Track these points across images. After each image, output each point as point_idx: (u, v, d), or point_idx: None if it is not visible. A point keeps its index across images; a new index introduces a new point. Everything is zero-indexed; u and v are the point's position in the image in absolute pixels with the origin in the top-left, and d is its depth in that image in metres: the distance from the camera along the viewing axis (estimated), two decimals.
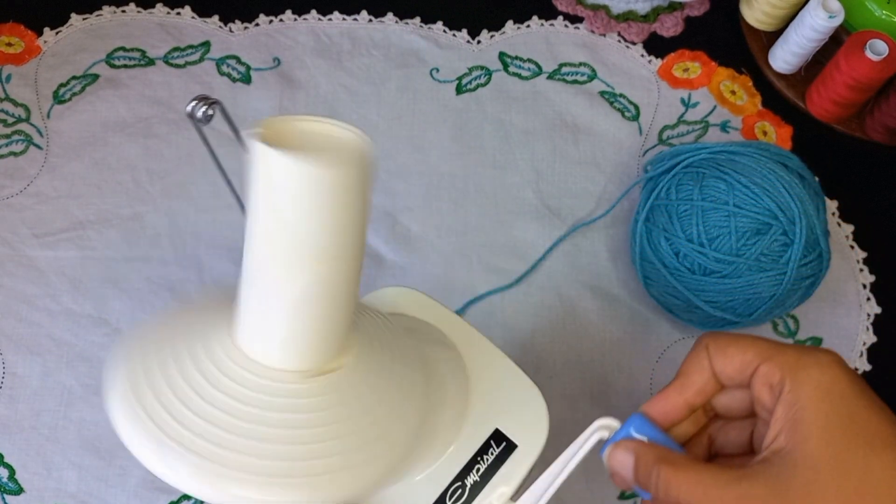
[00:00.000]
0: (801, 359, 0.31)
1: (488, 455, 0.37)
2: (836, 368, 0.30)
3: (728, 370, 0.33)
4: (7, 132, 0.59)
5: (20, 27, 0.62)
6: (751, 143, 0.52)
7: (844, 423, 0.29)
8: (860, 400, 0.30)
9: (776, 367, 0.31)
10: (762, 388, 0.31)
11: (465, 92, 0.62)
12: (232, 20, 0.64)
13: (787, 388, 0.30)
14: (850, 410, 0.29)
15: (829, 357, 0.31)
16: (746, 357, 0.32)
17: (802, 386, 0.30)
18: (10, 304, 0.54)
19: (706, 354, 0.33)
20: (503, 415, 0.37)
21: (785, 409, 0.30)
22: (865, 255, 0.58)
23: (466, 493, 0.36)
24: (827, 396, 0.30)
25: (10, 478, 0.50)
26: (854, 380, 0.30)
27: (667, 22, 0.65)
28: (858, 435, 0.29)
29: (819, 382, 0.30)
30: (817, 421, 0.29)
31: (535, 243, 0.58)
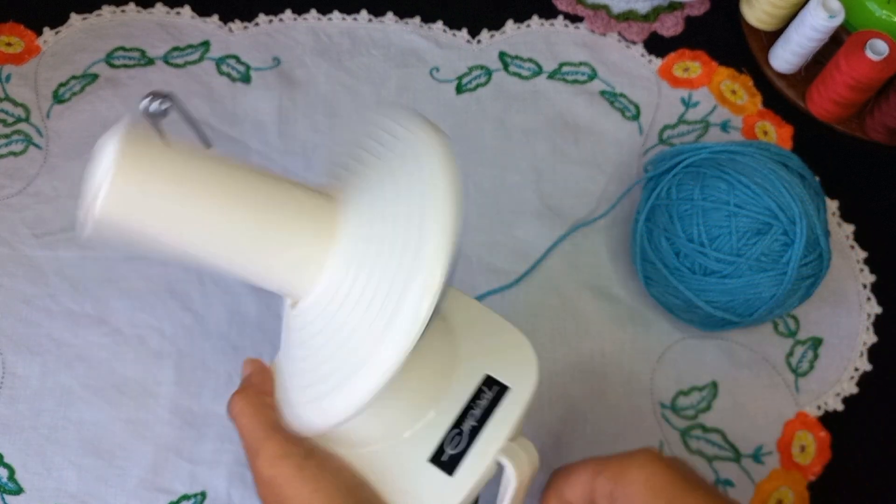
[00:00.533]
0: (623, 463, 0.36)
1: (482, 400, 0.38)
2: (654, 465, 0.35)
3: (577, 494, 0.37)
4: (7, 132, 0.59)
5: (20, 27, 0.62)
6: (751, 143, 0.52)
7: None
8: (679, 486, 0.35)
9: (606, 479, 0.36)
10: (602, 501, 0.36)
11: (465, 91, 0.62)
12: (231, 20, 0.64)
13: (617, 493, 0.35)
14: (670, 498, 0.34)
15: (646, 456, 0.36)
16: (584, 478, 0.37)
17: (627, 488, 0.35)
18: (9, 304, 0.54)
19: (555, 490, 0.38)
20: (492, 361, 0.38)
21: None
22: (866, 255, 0.58)
23: (465, 437, 0.37)
24: (647, 490, 0.35)
25: (9, 478, 0.50)
26: (671, 469, 0.35)
27: (667, 21, 0.65)
28: None
29: (638, 481, 0.35)
30: None
31: (535, 243, 0.58)
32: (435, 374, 0.37)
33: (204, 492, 0.50)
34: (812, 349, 0.56)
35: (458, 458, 0.37)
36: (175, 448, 0.51)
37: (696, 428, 0.53)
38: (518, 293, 0.56)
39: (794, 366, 0.55)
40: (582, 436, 0.52)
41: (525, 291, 0.56)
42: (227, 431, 0.51)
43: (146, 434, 0.51)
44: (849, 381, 0.55)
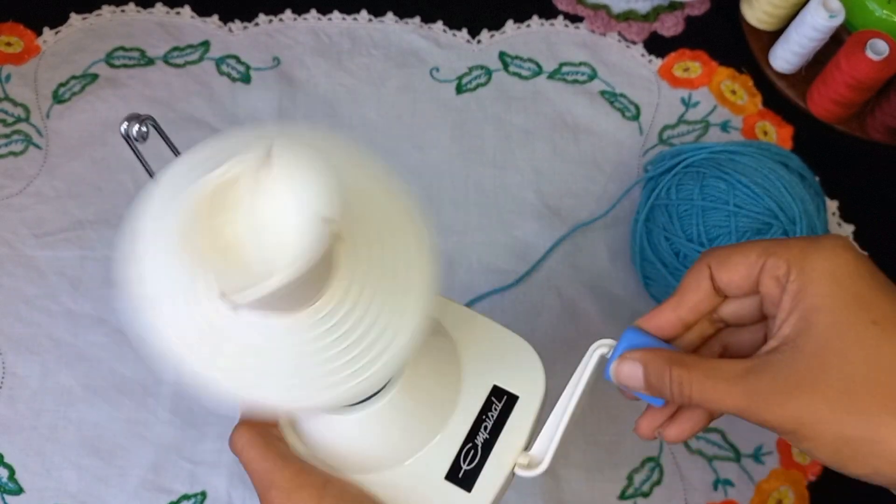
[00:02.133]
0: (806, 248, 0.30)
1: (493, 411, 0.37)
2: (843, 252, 0.30)
3: (735, 278, 0.32)
4: (7, 132, 0.59)
5: (20, 27, 0.62)
6: (751, 143, 0.52)
7: (850, 305, 0.28)
8: (867, 282, 0.29)
9: (781, 259, 0.30)
10: (770, 284, 0.31)
11: (465, 91, 0.62)
12: (231, 20, 0.64)
13: (793, 277, 0.30)
14: (857, 293, 0.29)
15: (834, 242, 0.30)
16: (750, 259, 0.31)
17: (808, 273, 0.29)
18: (9, 304, 0.54)
19: (706, 271, 0.33)
20: (498, 372, 0.38)
21: (790, 298, 0.30)
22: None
23: (479, 451, 0.36)
24: (832, 281, 0.29)
25: (10, 478, 0.50)
26: (861, 262, 0.30)
27: (667, 21, 0.65)
28: (863, 315, 0.28)
29: (824, 268, 0.29)
30: (823, 306, 0.29)
31: (535, 243, 0.58)
32: (442, 391, 0.37)
33: (204, 492, 0.50)
34: None
35: (474, 473, 0.36)
36: (175, 448, 0.51)
37: None
38: (518, 293, 0.56)
39: None
40: (582, 435, 0.52)
41: (525, 291, 0.56)
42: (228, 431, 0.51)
43: (146, 434, 0.51)
44: None
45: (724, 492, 0.52)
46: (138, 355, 0.53)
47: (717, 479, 0.52)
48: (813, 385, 0.28)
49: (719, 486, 0.52)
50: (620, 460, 0.52)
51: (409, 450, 0.37)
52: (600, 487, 0.52)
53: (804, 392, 0.28)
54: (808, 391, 0.28)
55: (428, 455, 0.36)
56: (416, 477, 0.36)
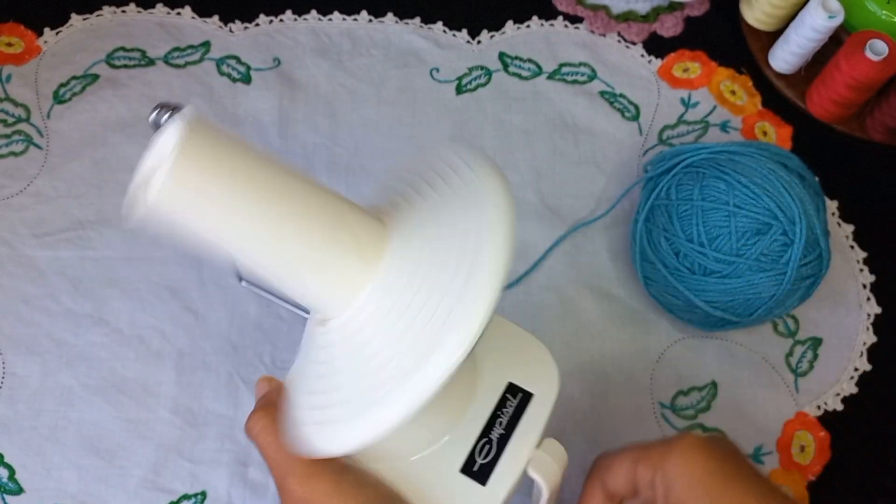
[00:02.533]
0: (663, 453, 0.35)
1: (507, 408, 0.38)
2: (692, 453, 0.34)
3: (619, 485, 0.37)
4: (7, 132, 0.59)
5: (20, 27, 0.62)
6: (751, 143, 0.52)
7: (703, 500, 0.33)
8: (716, 477, 0.34)
9: (647, 467, 0.35)
10: (644, 488, 0.36)
11: (465, 92, 0.62)
12: (232, 20, 0.64)
13: (658, 482, 0.35)
14: (708, 490, 0.34)
15: (685, 443, 0.35)
16: (625, 466, 0.36)
17: (668, 477, 0.34)
18: (9, 304, 0.54)
19: (598, 481, 0.38)
20: (513, 369, 0.39)
21: (661, 500, 0.35)
22: (865, 255, 0.58)
23: (494, 446, 0.37)
24: (689, 482, 0.34)
25: (10, 478, 0.50)
26: (710, 459, 0.34)
27: (667, 22, 0.65)
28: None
29: (679, 471, 0.34)
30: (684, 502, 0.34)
31: (535, 243, 0.58)
32: (458, 386, 0.37)
33: (204, 492, 0.50)
34: (812, 349, 0.56)
35: (489, 468, 0.37)
36: (175, 448, 0.51)
37: (696, 428, 0.53)
38: (518, 293, 0.56)
39: (794, 366, 0.55)
40: (582, 435, 0.52)
41: (525, 291, 0.56)
42: (228, 431, 0.51)
43: (146, 434, 0.51)
44: (848, 381, 0.55)
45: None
46: (139, 355, 0.53)
47: None
48: None
49: None
50: None
51: (425, 442, 0.37)
52: None
53: None
54: None
55: (444, 448, 0.37)
56: (432, 469, 0.37)
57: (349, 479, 0.34)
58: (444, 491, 0.36)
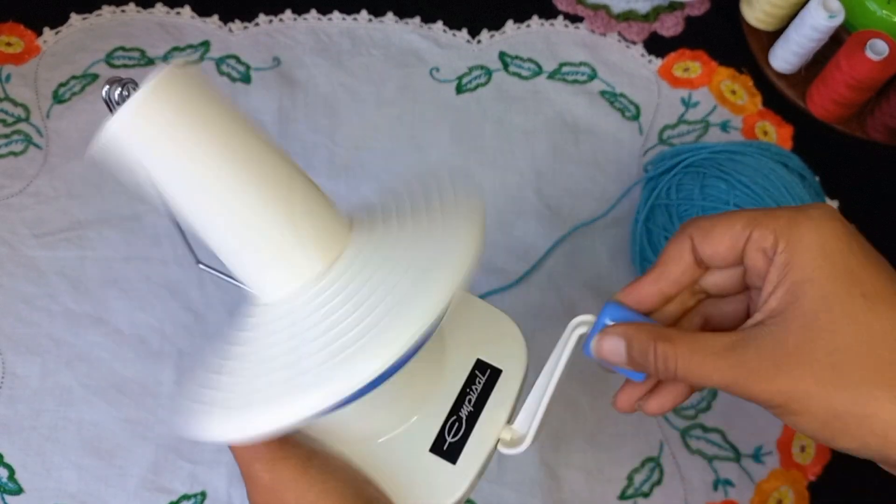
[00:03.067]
0: (794, 218, 0.29)
1: (476, 385, 0.37)
2: (832, 224, 0.29)
3: (720, 250, 0.31)
4: (7, 132, 0.59)
5: (20, 27, 0.62)
6: (751, 143, 0.52)
7: (839, 279, 0.28)
8: (857, 255, 0.29)
9: (768, 230, 0.30)
10: (755, 256, 0.30)
11: (465, 92, 0.62)
12: (231, 20, 0.64)
13: (781, 248, 0.29)
14: (846, 266, 0.28)
15: (822, 212, 0.29)
16: (735, 230, 0.31)
17: (796, 245, 0.29)
18: (9, 303, 0.54)
19: (688, 243, 0.32)
20: (481, 346, 0.38)
21: (778, 270, 0.29)
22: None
23: (464, 424, 0.37)
24: (821, 254, 0.28)
25: (9, 478, 0.50)
26: (851, 234, 0.29)
27: (667, 21, 0.65)
28: (852, 288, 0.28)
29: (813, 240, 0.29)
30: (811, 279, 0.28)
31: (535, 243, 0.58)
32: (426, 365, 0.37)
33: (204, 492, 0.50)
34: None
35: (459, 446, 0.36)
36: (175, 448, 0.51)
37: (696, 428, 0.53)
38: (518, 293, 0.56)
39: None
40: (582, 435, 0.52)
41: (525, 291, 0.56)
42: None
43: (146, 434, 0.51)
44: None
45: (725, 492, 0.52)
46: (138, 355, 0.53)
47: (717, 479, 0.52)
48: (801, 359, 0.28)
49: (719, 487, 0.52)
50: (620, 460, 0.52)
51: (393, 422, 0.37)
52: (600, 487, 0.52)
53: (793, 366, 0.28)
54: (797, 365, 0.28)
55: (413, 428, 0.37)
56: (401, 449, 0.36)
57: (316, 464, 0.33)
58: (414, 471, 0.36)
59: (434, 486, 0.36)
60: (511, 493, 0.51)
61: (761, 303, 0.30)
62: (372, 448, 0.36)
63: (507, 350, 0.39)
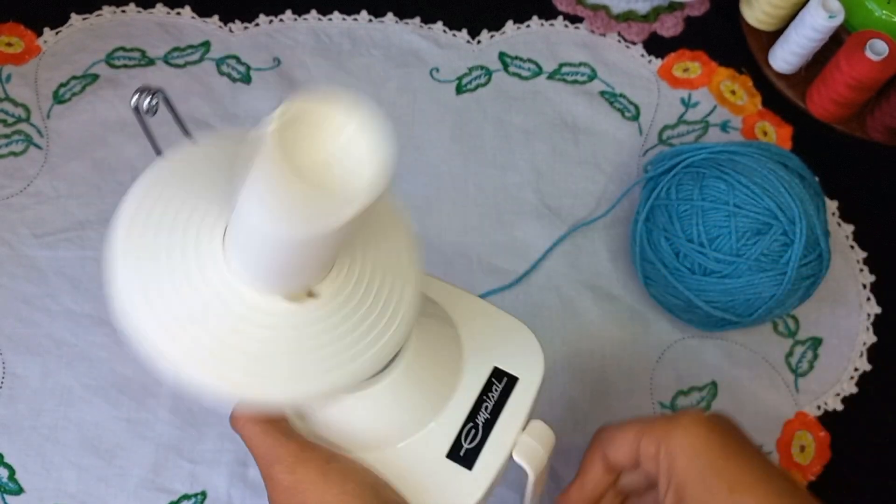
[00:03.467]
0: (668, 427, 0.35)
1: (493, 392, 0.38)
2: (696, 428, 0.35)
3: (620, 456, 0.37)
4: (7, 132, 0.59)
5: (20, 27, 0.62)
6: (751, 143, 0.52)
7: (708, 478, 0.33)
8: (719, 452, 0.34)
9: (651, 440, 0.35)
10: (647, 462, 0.36)
11: (465, 92, 0.62)
12: (232, 20, 0.64)
13: (662, 455, 0.35)
14: (712, 464, 0.34)
15: (689, 419, 0.35)
16: (629, 438, 0.36)
17: (672, 451, 0.35)
18: (9, 304, 0.54)
19: (599, 451, 0.38)
20: (498, 354, 0.39)
21: (664, 475, 0.35)
22: (865, 255, 0.58)
23: (480, 431, 0.37)
24: (691, 455, 0.34)
25: (9, 478, 0.50)
26: (718, 433, 0.35)
27: (667, 22, 0.65)
28: (723, 486, 0.33)
29: (683, 445, 0.34)
30: (687, 480, 0.34)
31: (535, 243, 0.58)
32: (443, 372, 0.38)
33: (204, 491, 0.50)
34: (812, 349, 0.56)
35: (475, 452, 0.37)
36: (175, 448, 0.51)
37: None
38: (518, 293, 0.56)
39: (794, 366, 0.55)
40: (582, 435, 0.52)
41: (525, 291, 0.56)
42: (228, 431, 0.51)
43: (146, 434, 0.51)
44: (848, 380, 0.55)
45: None
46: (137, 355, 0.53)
47: None
48: None
49: None
50: None
51: (410, 428, 0.37)
52: None
53: None
54: None
55: (429, 434, 0.37)
56: (418, 455, 0.37)
57: (336, 468, 0.34)
58: (431, 477, 0.37)
59: (450, 491, 0.37)
60: (511, 493, 0.51)
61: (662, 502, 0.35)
62: (390, 453, 0.37)
63: (523, 358, 0.39)
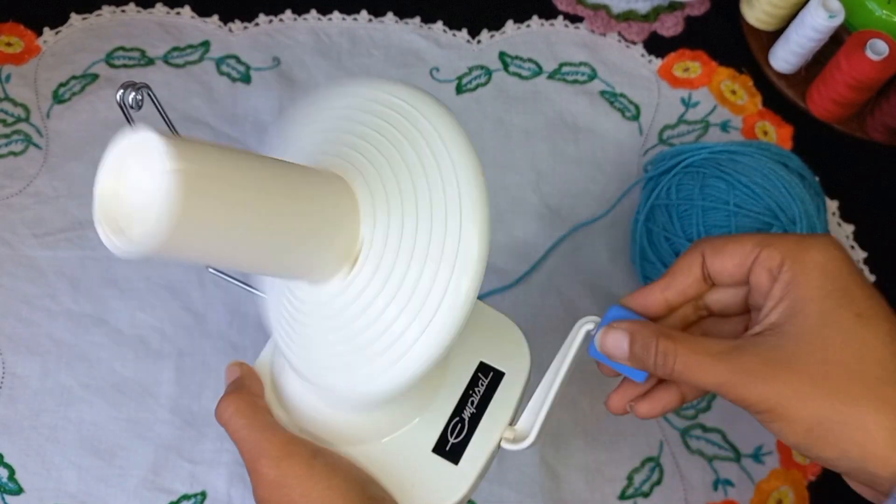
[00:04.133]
0: (800, 242, 0.31)
1: (479, 387, 0.38)
2: (834, 250, 0.31)
3: (728, 267, 0.33)
4: (7, 132, 0.59)
5: (20, 27, 0.62)
6: (751, 143, 0.52)
7: (838, 298, 0.30)
8: (855, 278, 0.31)
9: (776, 251, 0.32)
10: (761, 274, 0.32)
11: (465, 92, 0.62)
12: (231, 20, 0.64)
13: (786, 268, 0.31)
14: (844, 286, 0.30)
15: (827, 240, 0.32)
16: (745, 248, 0.33)
17: (801, 266, 0.31)
18: (9, 304, 0.54)
19: (699, 258, 0.34)
20: (484, 349, 0.39)
21: (782, 287, 0.31)
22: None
23: (466, 425, 0.38)
24: (823, 274, 0.31)
25: (9, 478, 0.50)
26: (850, 261, 0.31)
27: (667, 21, 0.65)
28: (849, 307, 0.30)
29: (817, 262, 0.31)
30: (812, 296, 0.30)
31: (535, 243, 0.58)
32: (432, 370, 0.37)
33: (204, 492, 0.50)
34: None
35: (461, 447, 0.37)
36: (175, 448, 0.51)
37: (696, 428, 0.53)
38: (518, 293, 0.56)
39: None
40: (582, 435, 0.52)
41: (525, 291, 0.56)
42: None
43: (146, 434, 0.51)
44: None
45: (724, 492, 0.52)
46: (138, 355, 0.53)
47: (717, 479, 0.52)
48: (796, 366, 0.29)
49: (719, 486, 0.52)
50: (620, 460, 0.52)
51: (397, 423, 0.37)
52: (600, 487, 0.52)
53: (787, 371, 0.29)
54: (791, 371, 0.29)
55: (416, 428, 0.38)
56: (405, 450, 0.37)
57: (321, 462, 0.34)
58: (417, 471, 0.37)
59: (436, 485, 0.37)
60: (511, 493, 0.51)
61: (762, 317, 0.31)
62: (376, 448, 0.37)
63: (509, 353, 0.39)
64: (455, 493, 0.37)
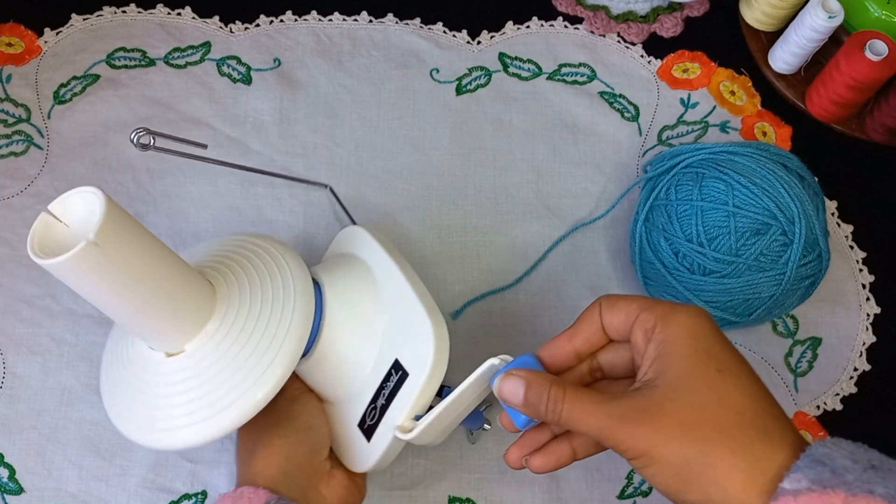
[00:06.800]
0: (672, 308, 0.36)
1: (390, 382, 0.43)
2: (701, 316, 0.35)
3: (615, 321, 0.37)
4: (7, 132, 0.59)
5: (20, 27, 0.62)
6: (750, 144, 0.52)
7: (700, 354, 0.34)
8: (716, 339, 0.35)
9: (652, 314, 0.36)
10: (638, 333, 0.36)
11: (465, 92, 0.62)
12: (232, 21, 0.64)
13: (658, 329, 0.35)
14: (707, 346, 0.35)
15: (695, 308, 0.36)
16: (630, 308, 0.37)
17: (670, 327, 0.35)
18: (10, 303, 0.54)
19: (598, 310, 0.38)
20: (404, 347, 0.43)
21: (655, 346, 0.35)
22: (865, 255, 0.58)
23: (378, 412, 0.43)
24: (688, 335, 0.35)
25: (10, 478, 0.50)
26: (714, 326, 0.36)
27: (666, 22, 0.65)
28: (711, 363, 0.34)
29: (684, 324, 0.35)
30: (679, 353, 0.34)
31: (535, 243, 0.58)
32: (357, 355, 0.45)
33: (205, 491, 0.50)
34: (811, 349, 0.56)
35: (373, 429, 0.43)
36: None
37: None
38: (518, 293, 0.56)
39: (793, 366, 0.55)
40: None
41: (525, 291, 0.56)
42: None
43: None
44: (847, 380, 0.55)
45: None
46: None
47: None
48: (665, 412, 0.33)
49: None
50: (620, 460, 0.52)
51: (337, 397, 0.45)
52: (600, 487, 0.52)
53: (657, 417, 0.33)
54: (661, 416, 0.33)
55: (349, 405, 0.45)
56: (345, 418, 0.45)
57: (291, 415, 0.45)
58: (347, 439, 0.45)
59: (355, 454, 0.45)
60: (511, 493, 0.51)
61: (640, 375, 0.36)
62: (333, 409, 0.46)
63: (419, 355, 0.42)
64: (364, 465, 0.44)
